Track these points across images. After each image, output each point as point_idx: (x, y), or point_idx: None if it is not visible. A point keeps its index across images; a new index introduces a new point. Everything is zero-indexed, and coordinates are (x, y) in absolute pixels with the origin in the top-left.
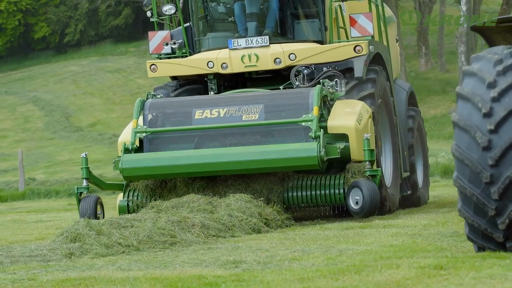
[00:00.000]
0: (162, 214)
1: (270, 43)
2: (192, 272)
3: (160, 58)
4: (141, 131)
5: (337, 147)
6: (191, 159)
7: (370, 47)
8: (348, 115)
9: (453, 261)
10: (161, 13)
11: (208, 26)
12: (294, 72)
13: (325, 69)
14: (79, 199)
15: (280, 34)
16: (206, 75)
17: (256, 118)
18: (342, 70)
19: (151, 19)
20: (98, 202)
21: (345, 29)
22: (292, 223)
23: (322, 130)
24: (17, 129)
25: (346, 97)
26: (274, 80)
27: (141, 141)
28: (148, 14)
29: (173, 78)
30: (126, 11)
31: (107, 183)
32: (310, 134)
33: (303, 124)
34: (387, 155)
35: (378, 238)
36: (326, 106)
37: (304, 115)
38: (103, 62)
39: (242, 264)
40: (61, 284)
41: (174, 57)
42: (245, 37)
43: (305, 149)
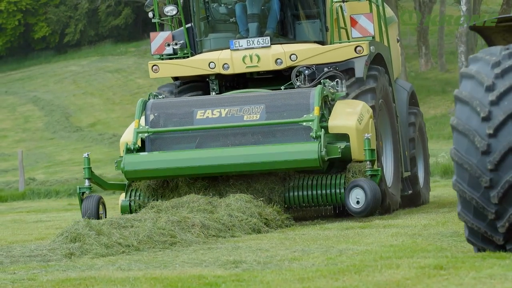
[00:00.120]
0: (162, 214)
1: (271, 44)
2: (192, 272)
3: (162, 59)
4: (143, 131)
5: (338, 147)
6: (193, 159)
7: (371, 48)
8: (349, 115)
9: (453, 261)
10: (162, 14)
11: (210, 27)
12: (295, 73)
13: (326, 69)
14: (81, 199)
15: (281, 34)
16: (207, 76)
17: (257, 118)
18: (343, 70)
19: (153, 20)
20: (100, 202)
21: (346, 30)
22: (292, 223)
23: (323, 130)
24: (17, 129)
25: (346, 93)
26: (275, 80)
27: (143, 141)
28: (150, 15)
29: (175, 78)
30: (126, 11)
31: (109, 183)
32: (311, 134)
33: (304, 124)
34: (388, 154)
35: (378, 238)
36: (327, 106)
37: (305, 115)
38: (103, 62)
39: (242, 264)
40: (61, 284)
41: (176, 57)
42: (246, 38)
43: (306, 149)
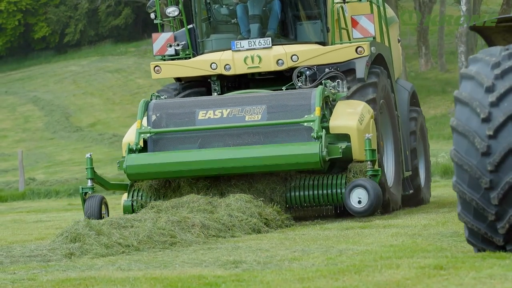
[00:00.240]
0: (162, 214)
1: (272, 45)
2: (192, 272)
3: (164, 60)
4: (145, 131)
5: (339, 147)
6: (195, 160)
7: (372, 48)
8: (350, 116)
9: (453, 261)
10: (164, 15)
11: (211, 28)
12: (296, 73)
13: (327, 70)
14: (84, 199)
15: (283, 35)
16: (209, 77)
17: (259, 118)
18: (344, 71)
19: (155, 21)
20: (102, 202)
21: (347, 31)
22: (292, 223)
23: (324, 130)
24: (17, 129)
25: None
26: (276, 81)
27: (145, 142)
28: (152, 16)
29: (177, 79)
30: (126, 11)
31: (111, 183)
32: (312, 134)
33: (305, 124)
34: (389, 154)
35: (378, 238)
36: (328, 106)
37: (306, 115)
38: (103, 62)
39: (242, 264)
40: (61, 284)
41: (178, 58)
42: (247, 38)
43: (307, 149)
